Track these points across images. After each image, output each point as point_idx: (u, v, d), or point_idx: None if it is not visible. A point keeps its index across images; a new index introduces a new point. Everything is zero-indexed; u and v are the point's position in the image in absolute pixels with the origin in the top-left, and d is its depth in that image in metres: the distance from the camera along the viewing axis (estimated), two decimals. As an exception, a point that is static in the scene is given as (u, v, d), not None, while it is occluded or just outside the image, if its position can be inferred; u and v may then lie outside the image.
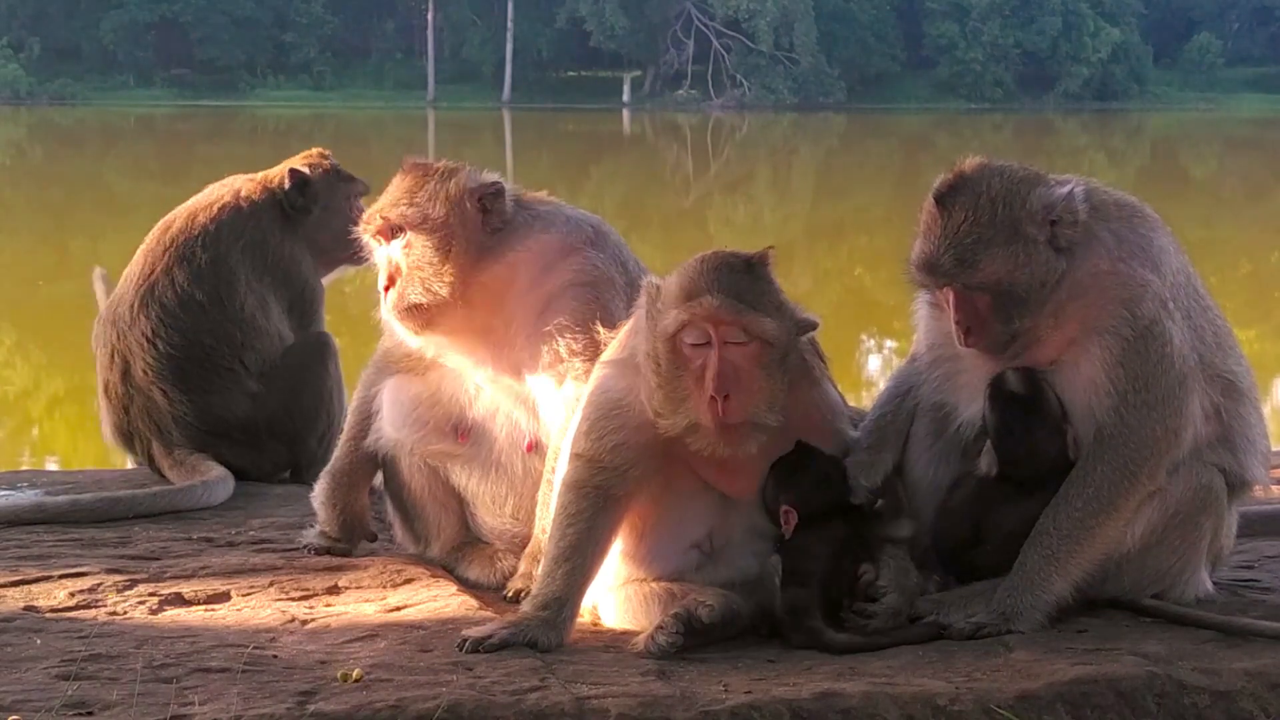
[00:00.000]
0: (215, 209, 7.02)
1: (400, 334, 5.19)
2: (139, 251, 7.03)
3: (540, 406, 5.09)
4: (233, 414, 6.85)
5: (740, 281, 4.45)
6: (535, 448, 5.13)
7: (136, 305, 6.85)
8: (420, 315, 5.08)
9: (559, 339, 4.99)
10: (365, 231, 5.22)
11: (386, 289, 5.12)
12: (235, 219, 7.01)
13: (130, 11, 74.15)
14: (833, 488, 4.61)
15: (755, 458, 4.56)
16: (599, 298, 5.03)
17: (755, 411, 4.43)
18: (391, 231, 5.13)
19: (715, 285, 4.42)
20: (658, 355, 4.44)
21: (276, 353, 6.97)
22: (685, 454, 4.59)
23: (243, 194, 7.08)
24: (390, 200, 5.15)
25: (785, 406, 4.49)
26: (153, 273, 6.89)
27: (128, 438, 6.94)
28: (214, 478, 6.48)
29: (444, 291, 5.04)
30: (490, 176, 5.20)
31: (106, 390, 6.95)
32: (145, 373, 6.82)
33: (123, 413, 6.90)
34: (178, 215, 7.06)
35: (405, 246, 5.10)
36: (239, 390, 6.87)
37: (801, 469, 4.58)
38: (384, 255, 5.17)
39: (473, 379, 5.21)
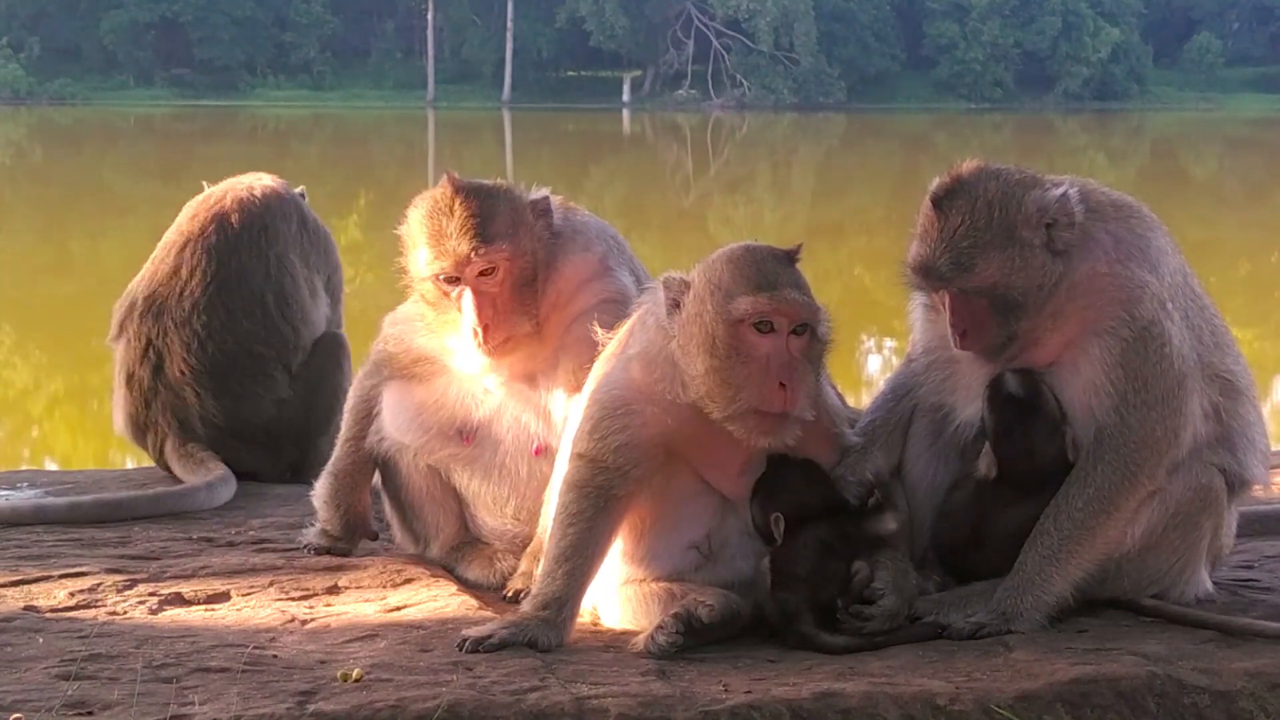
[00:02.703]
0: (260, 191, 6.96)
1: (481, 368, 5.04)
2: (183, 243, 6.86)
3: (553, 413, 5.08)
4: (259, 418, 6.84)
5: (797, 275, 4.52)
6: (543, 452, 5.12)
7: (203, 304, 6.76)
8: (512, 346, 5.00)
9: (582, 352, 4.96)
10: (450, 270, 4.91)
11: (487, 329, 4.91)
12: (280, 202, 6.99)
13: (130, 11, 74.16)
14: (820, 486, 4.61)
15: (758, 459, 4.57)
16: (623, 314, 5.02)
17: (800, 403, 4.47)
18: (485, 271, 4.94)
19: (784, 278, 4.47)
20: (715, 341, 4.44)
21: (315, 340, 6.96)
22: (686, 454, 4.59)
23: (270, 180, 7.07)
24: (476, 234, 4.90)
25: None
26: (220, 269, 6.80)
27: (142, 430, 6.87)
28: (215, 478, 6.46)
29: (535, 317, 5.00)
30: (538, 191, 5.15)
31: (130, 380, 6.84)
32: (182, 372, 6.76)
33: (143, 406, 6.82)
34: (228, 209, 6.93)
35: (498, 282, 4.95)
36: (270, 396, 6.85)
37: (784, 476, 4.58)
38: (468, 293, 4.93)
39: (482, 384, 5.17)
